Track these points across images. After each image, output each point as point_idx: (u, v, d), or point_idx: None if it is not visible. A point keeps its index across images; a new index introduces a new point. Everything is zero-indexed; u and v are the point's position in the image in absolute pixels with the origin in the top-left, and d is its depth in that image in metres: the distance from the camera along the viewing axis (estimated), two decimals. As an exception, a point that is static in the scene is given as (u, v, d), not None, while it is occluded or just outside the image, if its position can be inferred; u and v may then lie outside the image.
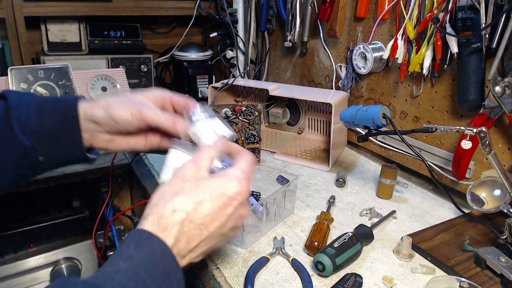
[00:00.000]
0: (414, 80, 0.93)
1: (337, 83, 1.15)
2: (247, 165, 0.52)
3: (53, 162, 0.62)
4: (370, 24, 1.01)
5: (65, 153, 0.62)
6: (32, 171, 0.61)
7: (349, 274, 0.60)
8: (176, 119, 0.60)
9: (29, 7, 1.22)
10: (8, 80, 0.95)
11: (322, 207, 0.83)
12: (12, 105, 0.58)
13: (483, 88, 0.75)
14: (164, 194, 0.48)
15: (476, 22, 0.71)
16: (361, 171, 1.01)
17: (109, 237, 1.10)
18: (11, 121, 0.57)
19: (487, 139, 0.65)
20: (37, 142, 0.59)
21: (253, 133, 1.02)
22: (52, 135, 0.60)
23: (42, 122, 0.59)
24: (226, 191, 0.48)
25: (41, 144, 0.59)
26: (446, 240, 0.70)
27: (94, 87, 1.07)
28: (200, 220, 0.46)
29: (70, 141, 0.61)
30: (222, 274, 0.61)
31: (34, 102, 0.60)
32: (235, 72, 1.50)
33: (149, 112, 0.59)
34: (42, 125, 0.59)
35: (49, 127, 0.59)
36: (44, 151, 0.59)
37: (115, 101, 0.61)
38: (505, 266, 0.59)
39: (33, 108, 0.59)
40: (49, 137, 0.59)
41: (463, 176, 0.83)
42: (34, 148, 0.58)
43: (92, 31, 1.43)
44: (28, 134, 0.58)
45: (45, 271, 1.14)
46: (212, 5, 1.53)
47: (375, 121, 0.78)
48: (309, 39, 1.19)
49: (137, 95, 0.63)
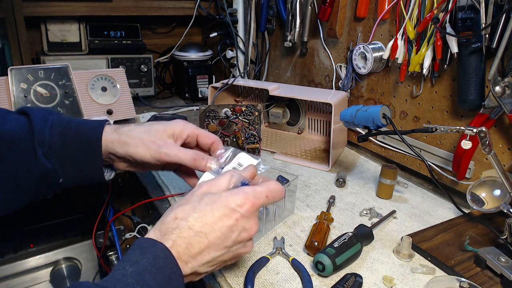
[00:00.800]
0: (414, 80, 0.93)
1: (337, 83, 1.15)
2: (264, 189, 0.51)
3: (71, 183, 0.63)
4: (370, 24, 1.01)
5: (85, 176, 0.64)
6: (50, 191, 0.62)
7: (349, 274, 0.60)
8: (196, 157, 0.62)
9: (29, 7, 1.22)
10: (8, 80, 0.95)
11: (322, 207, 0.83)
12: (36, 127, 0.59)
13: (483, 88, 0.75)
14: (173, 206, 0.50)
15: (476, 22, 0.71)
16: (361, 171, 1.01)
17: (109, 237, 1.10)
18: (34, 144, 0.58)
19: (487, 139, 0.65)
20: (58, 165, 0.60)
21: (253, 133, 1.02)
22: (74, 159, 0.61)
23: (65, 146, 0.60)
24: (228, 202, 0.49)
25: (62, 167, 0.61)
26: (446, 240, 0.70)
27: (94, 87, 1.07)
28: (200, 228, 0.47)
29: (91, 166, 0.63)
30: (222, 274, 0.62)
31: (58, 124, 0.61)
32: (235, 72, 1.50)
33: (168, 151, 0.61)
34: (65, 149, 0.60)
35: (72, 151, 0.61)
36: (65, 173, 0.61)
37: (135, 137, 0.62)
38: (505, 266, 0.59)
39: (56, 131, 0.60)
40: (71, 161, 0.61)
41: (463, 176, 0.83)
42: (55, 171, 0.60)
43: (92, 31, 1.43)
44: (50, 157, 0.59)
45: (45, 271, 1.14)
46: (212, 5, 1.53)
47: (375, 121, 0.78)
48: (309, 39, 1.19)
49: (159, 128, 0.64)
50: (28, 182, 0.59)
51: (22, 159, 0.58)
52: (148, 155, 0.61)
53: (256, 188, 0.51)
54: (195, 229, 0.47)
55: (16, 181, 0.58)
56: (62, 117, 0.63)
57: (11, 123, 0.59)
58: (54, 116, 0.61)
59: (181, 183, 0.88)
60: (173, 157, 0.61)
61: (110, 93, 1.10)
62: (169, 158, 0.61)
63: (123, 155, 0.62)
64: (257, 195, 0.50)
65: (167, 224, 0.47)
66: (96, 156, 0.62)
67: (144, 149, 0.61)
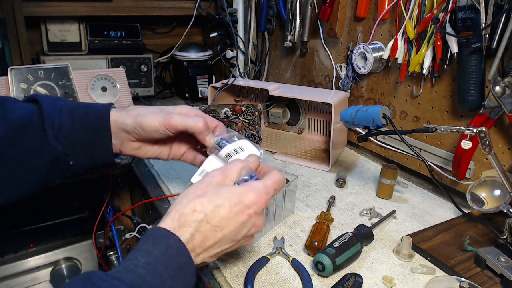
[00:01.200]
0: (414, 80, 0.93)
1: (337, 83, 1.15)
2: (271, 182, 0.54)
3: (82, 166, 0.64)
4: (370, 24, 1.01)
5: (95, 158, 0.65)
6: (61, 175, 0.63)
7: (349, 274, 0.60)
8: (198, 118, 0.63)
9: (29, 7, 1.22)
10: (8, 80, 0.95)
11: (322, 207, 0.83)
12: (45, 110, 0.60)
13: (483, 88, 0.75)
14: (188, 195, 0.51)
15: (476, 22, 0.71)
16: (361, 171, 1.01)
17: (109, 237, 1.10)
18: (44, 127, 0.59)
19: (487, 139, 0.65)
20: (69, 148, 0.61)
21: (253, 133, 1.02)
22: (84, 141, 0.62)
23: (74, 128, 0.61)
24: (243, 199, 0.50)
25: (72, 149, 0.62)
26: (446, 240, 0.70)
27: (94, 87, 1.07)
28: (217, 222, 0.49)
29: (101, 147, 0.64)
30: (222, 274, 0.61)
31: (66, 108, 0.62)
32: (235, 72, 1.50)
33: (175, 117, 0.63)
34: (75, 131, 0.61)
35: (82, 133, 0.62)
36: (75, 156, 0.62)
37: (145, 110, 0.64)
38: (505, 266, 0.59)
39: (65, 113, 0.61)
40: (81, 142, 0.62)
41: (463, 176, 0.83)
42: (66, 153, 0.61)
43: (92, 31, 1.43)
44: (61, 139, 0.60)
45: (45, 271, 1.14)
46: (212, 5, 1.53)
47: (375, 121, 0.78)
48: (309, 39, 1.19)
49: (168, 107, 0.67)
50: (39, 166, 0.60)
51: (33, 142, 0.59)
52: (156, 122, 0.62)
53: (266, 183, 0.53)
54: (213, 223, 0.49)
55: (27, 165, 0.59)
56: (69, 102, 0.64)
57: (21, 109, 0.60)
58: (62, 101, 0.63)
59: (181, 183, 0.88)
60: (180, 122, 0.62)
61: (110, 93, 1.10)
62: (177, 122, 0.62)
63: (133, 126, 0.63)
64: (267, 190, 0.53)
65: (186, 216, 0.48)
66: (105, 136, 0.63)
67: (153, 117, 0.62)
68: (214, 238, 0.49)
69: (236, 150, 0.61)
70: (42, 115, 0.59)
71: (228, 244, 0.51)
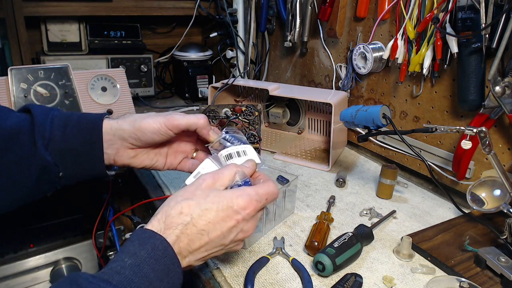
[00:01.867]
0: (414, 80, 0.93)
1: (337, 83, 1.15)
2: (265, 191, 0.53)
3: (72, 178, 0.63)
4: (370, 24, 1.01)
5: (86, 170, 0.63)
6: (51, 187, 0.62)
7: (349, 274, 0.60)
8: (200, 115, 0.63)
9: (29, 7, 1.22)
10: (8, 80, 0.95)
11: (322, 207, 0.83)
12: (37, 120, 0.59)
13: (483, 88, 0.75)
14: (177, 197, 0.51)
15: (476, 22, 0.71)
16: (361, 171, 1.01)
17: (109, 237, 1.10)
18: (35, 137, 0.58)
19: (487, 139, 0.65)
20: (59, 158, 0.60)
21: (253, 133, 1.02)
22: (74, 152, 0.61)
23: (66, 138, 0.60)
24: (232, 204, 0.50)
25: (62, 160, 0.60)
26: (446, 240, 0.70)
27: (94, 87, 1.07)
28: (203, 226, 0.48)
29: (92, 158, 0.62)
30: (222, 274, 0.61)
31: (59, 118, 0.61)
32: (235, 72, 1.50)
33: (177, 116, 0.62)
34: (66, 141, 0.60)
35: (73, 144, 0.61)
36: (65, 167, 0.61)
37: (142, 115, 0.64)
38: (505, 266, 0.59)
39: (57, 124, 0.60)
40: (71, 153, 0.61)
41: (463, 176, 0.83)
42: (55, 164, 0.60)
43: (92, 31, 1.43)
44: (51, 150, 0.59)
45: (45, 271, 1.14)
46: (212, 5, 1.53)
47: (375, 121, 0.77)
48: (309, 39, 1.19)
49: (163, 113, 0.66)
50: (27, 178, 0.58)
51: (22, 152, 0.57)
52: (157, 123, 0.62)
53: (258, 191, 0.52)
54: (199, 226, 0.48)
55: (16, 177, 0.58)
56: (63, 112, 0.63)
57: (13, 119, 0.59)
58: (56, 112, 0.62)
59: (181, 183, 0.88)
60: (182, 119, 0.62)
61: (110, 93, 1.10)
62: (180, 121, 0.62)
63: (131, 131, 0.62)
64: (259, 198, 0.52)
65: (172, 218, 0.48)
66: (97, 147, 0.62)
67: (153, 120, 0.62)
68: (200, 242, 0.49)
69: (238, 153, 0.61)
70: (33, 124, 0.58)
71: (215, 248, 0.51)
